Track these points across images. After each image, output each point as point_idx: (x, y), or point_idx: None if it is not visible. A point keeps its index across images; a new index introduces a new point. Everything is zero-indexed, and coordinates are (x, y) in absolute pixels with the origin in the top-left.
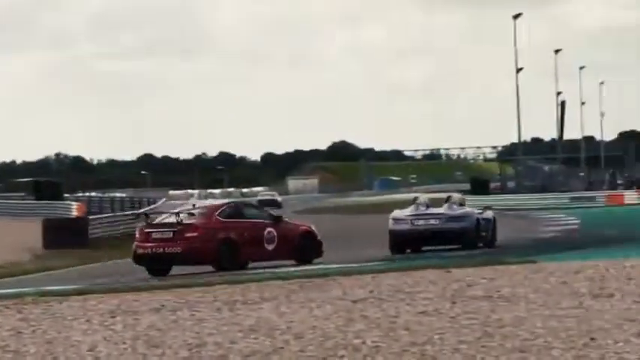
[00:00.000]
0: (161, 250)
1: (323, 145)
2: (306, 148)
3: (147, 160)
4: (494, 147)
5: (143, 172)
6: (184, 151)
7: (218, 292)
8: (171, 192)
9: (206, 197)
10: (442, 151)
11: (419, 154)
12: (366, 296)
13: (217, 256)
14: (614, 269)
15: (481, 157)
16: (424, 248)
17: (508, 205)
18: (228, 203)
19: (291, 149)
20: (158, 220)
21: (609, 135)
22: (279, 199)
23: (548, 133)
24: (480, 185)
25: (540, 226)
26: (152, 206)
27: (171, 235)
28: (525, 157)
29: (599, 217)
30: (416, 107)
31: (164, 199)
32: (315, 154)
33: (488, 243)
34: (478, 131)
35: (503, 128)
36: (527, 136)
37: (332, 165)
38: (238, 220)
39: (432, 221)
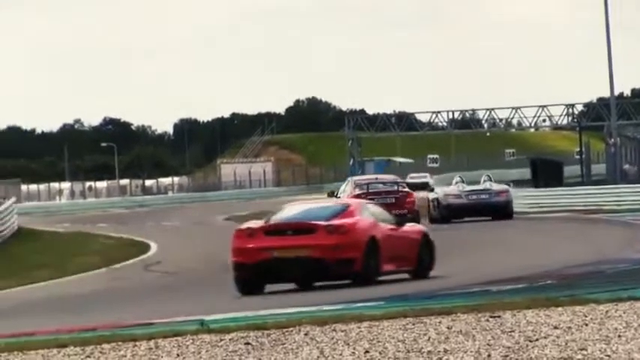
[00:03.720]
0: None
1: (280, 107)
2: (251, 110)
3: None
4: (569, 106)
5: None
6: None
7: None
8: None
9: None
10: (480, 115)
11: (441, 120)
12: None
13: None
14: None
15: (546, 122)
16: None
17: (597, 206)
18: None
19: (225, 113)
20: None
21: None
22: (432, 181)
23: None
24: (548, 171)
25: None
26: None
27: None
28: (624, 121)
29: None
30: (427, 46)
31: (13, 199)
32: (266, 119)
33: None
34: (539, 83)
35: (580, 77)
36: (623, 88)
37: (295, 138)
38: None
39: (483, 196)
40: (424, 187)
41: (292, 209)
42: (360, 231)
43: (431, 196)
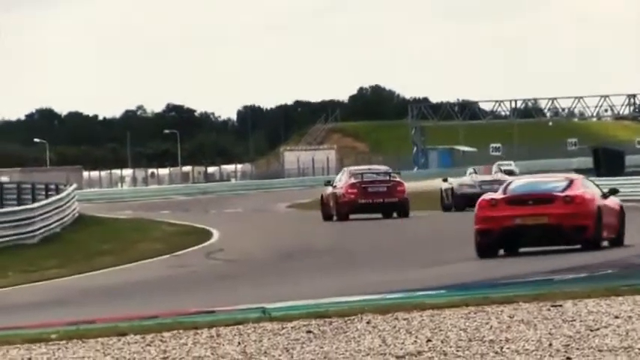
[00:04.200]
0: None
1: (343, 94)
2: (314, 98)
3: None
4: (630, 96)
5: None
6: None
7: None
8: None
9: None
10: (543, 104)
11: (503, 108)
12: (420, 349)
13: None
14: None
15: (608, 112)
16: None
17: None
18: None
19: (288, 100)
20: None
21: None
22: (517, 169)
23: None
24: (610, 160)
25: None
26: (55, 197)
27: None
28: None
29: None
30: (491, 35)
31: (74, 185)
32: (329, 107)
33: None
34: (601, 73)
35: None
36: None
37: (358, 126)
38: None
39: (495, 186)
40: (510, 173)
41: (522, 183)
42: (591, 202)
43: (444, 186)
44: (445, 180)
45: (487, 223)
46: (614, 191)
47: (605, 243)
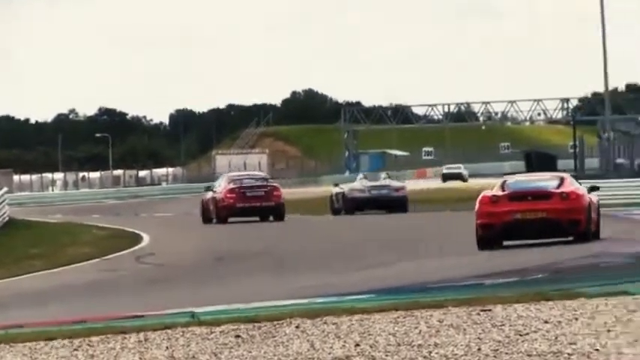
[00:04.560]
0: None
1: (276, 98)
2: (246, 101)
3: None
4: (564, 100)
5: None
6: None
7: None
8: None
9: None
10: (476, 108)
11: (436, 112)
12: (349, 354)
13: None
14: None
15: (541, 116)
16: None
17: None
18: None
19: (220, 104)
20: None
21: None
22: (465, 172)
23: None
24: (542, 164)
25: None
26: None
27: None
28: (618, 116)
29: None
30: (422, 38)
31: (5, 189)
32: (262, 110)
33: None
34: (534, 77)
35: (575, 72)
36: (617, 83)
37: (291, 130)
38: None
39: (383, 191)
40: (458, 177)
41: (516, 180)
42: (583, 198)
43: (335, 190)
44: (336, 185)
45: (489, 218)
46: (594, 188)
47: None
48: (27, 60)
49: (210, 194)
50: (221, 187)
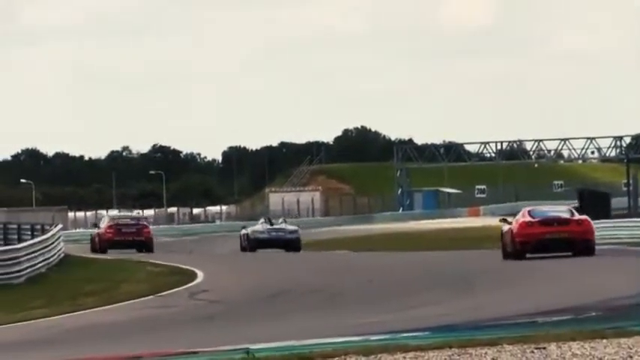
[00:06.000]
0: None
1: (328, 136)
2: (298, 139)
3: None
4: (617, 138)
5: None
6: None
7: None
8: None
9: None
10: (528, 146)
11: (489, 150)
12: None
13: None
14: None
15: (594, 154)
16: None
17: None
18: None
19: (273, 142)
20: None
21: None
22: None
23: None
24: (595, 203)
25: None
26: (41, 237)
27: None
28: None
29: None
30: (476, 76)
31: (60, 226)
32: (314, 148)
33: None
34: (587, 115)
35: (628, 109)
36: None
37: (343, 167)
38: None
39: (280, 233)
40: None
41: (539, 210)
42: (591, 224)
43: (242, 231)
44: (244, 227)
45: (527, 237)
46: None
47: None
48: (79, 96)
49: (97, 230)
50: (104, 223)
